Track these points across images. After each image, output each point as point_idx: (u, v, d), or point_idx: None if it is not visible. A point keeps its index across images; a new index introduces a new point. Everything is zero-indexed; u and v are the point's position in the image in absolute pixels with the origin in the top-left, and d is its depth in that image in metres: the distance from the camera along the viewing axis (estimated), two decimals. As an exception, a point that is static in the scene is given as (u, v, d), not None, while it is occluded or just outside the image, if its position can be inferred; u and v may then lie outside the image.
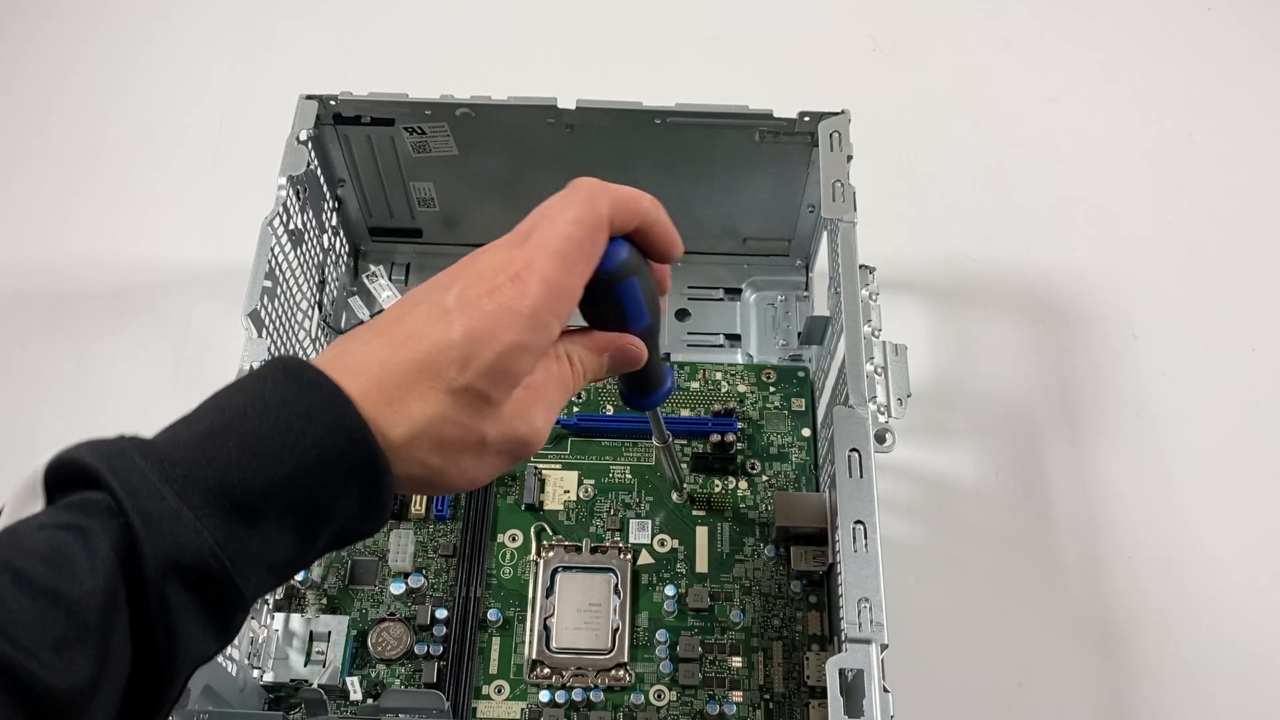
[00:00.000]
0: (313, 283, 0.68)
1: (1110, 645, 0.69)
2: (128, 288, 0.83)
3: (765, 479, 0.67)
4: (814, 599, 0.63)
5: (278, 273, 0.61)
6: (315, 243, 0.68)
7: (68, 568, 0.29)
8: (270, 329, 0.59)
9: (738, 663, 0.61)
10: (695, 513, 0.66)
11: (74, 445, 0.33)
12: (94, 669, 0.29)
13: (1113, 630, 0.69)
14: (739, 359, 0.74)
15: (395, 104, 0.67)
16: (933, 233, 0.86)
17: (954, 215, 0.87)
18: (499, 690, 0.60)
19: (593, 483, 0.67)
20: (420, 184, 0.73)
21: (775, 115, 0.66)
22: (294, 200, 0.63)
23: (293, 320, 0.64)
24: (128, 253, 0.84)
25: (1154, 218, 0.87)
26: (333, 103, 0.66)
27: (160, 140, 0.91)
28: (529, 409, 0.38)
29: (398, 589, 0.62)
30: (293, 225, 0.63)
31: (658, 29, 0.98)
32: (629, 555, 0.64)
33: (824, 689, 0.49)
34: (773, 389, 0.70)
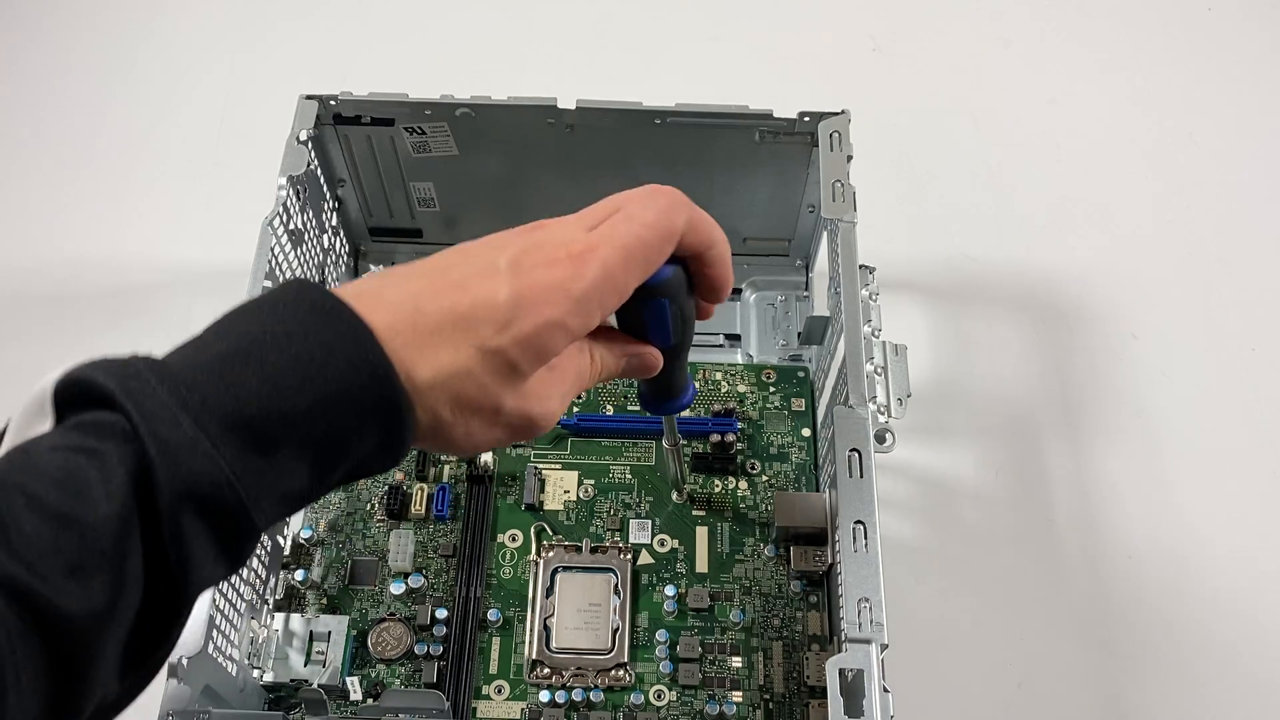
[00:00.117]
0: (313, 283, 0.68)
1: (1110, 645, 0.69)
2: (128, 288, 0.83)
3: (765, 479, 0.67)
4: (814, 599, 0.63)
5: (278, 273, 0.61)
6: (315, 243, 0.68)
7: (82, 492, 0.29)
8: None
9: (738, 663, 0.61)
10: (695, 513, 0.66)
11: (84, 363, 0.32)
12: (108, 596, 0.29)
13: (1113, 630, 0.69)
14: (739, 359, 0.74)
15: (395, 104, 0.67)
16: (933, 233, 0.86)
17: (954, 215, 0.87)
18: (499, 690, 0.60)
19: (593, 483, 0.67)
20: (420, 184, 0.73)
21: (775, 115, 0.66)
22: (294, 200, 0.63)
23: (293, 320, 0.64)
24: (128, 253, 0.84)
25: (1154, 218, 0.87)
26: (333, 103, 0.66)
27: (160, 140, 0.91)
28: (547, 390, 0.38)
29: (398, 589, 0.62)
30: (293, 225, 0.63)
31: (658, 29, 0.98)
32: (629, 555, 0.64)
33: (824, 689, 0.49)
34: (773, 389, 0.70)
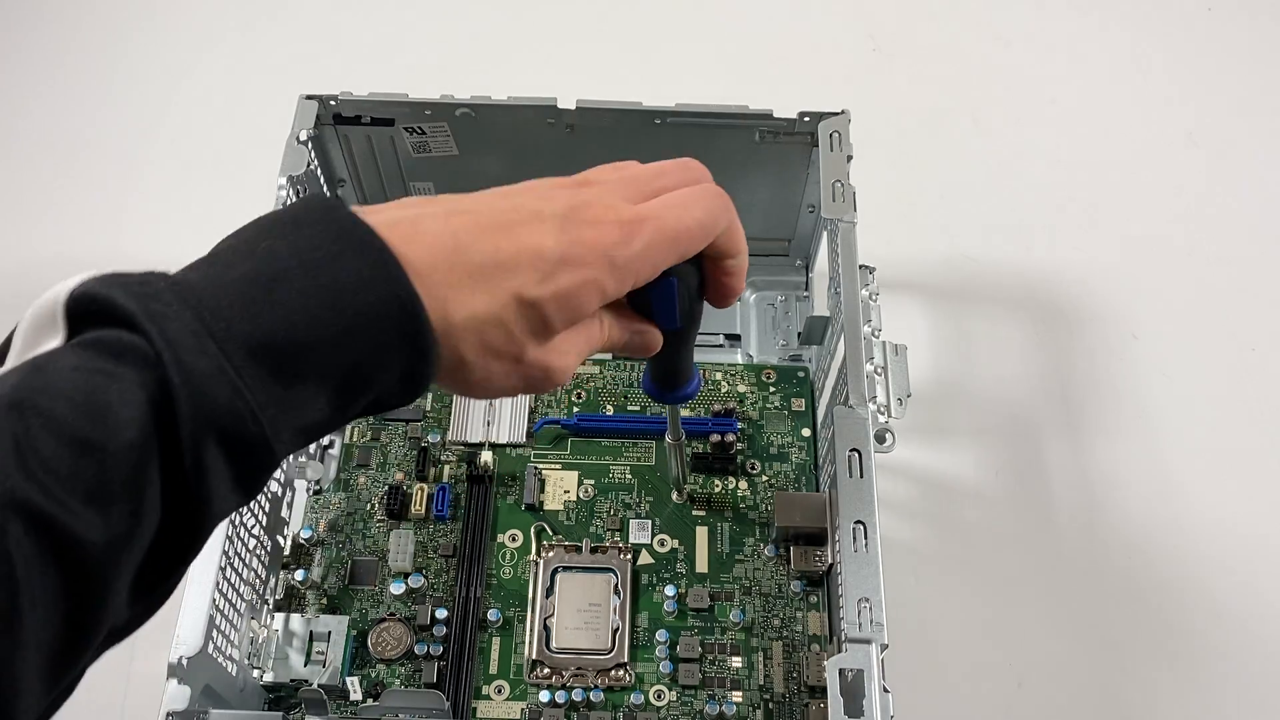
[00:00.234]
0: (313, 283, 0.68)
1: (1110, 645, 0.69)
2: (128, 288, 0.82)
3: (765, 479, 0.67)
4: (814, 599, 0.63)
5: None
6: (315, 243, 0.68)
7: (102, 417, 0.28)
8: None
9: (738, 663, 0.61)
10: (695, 513, 0.66)
11: (97, 277, 0.30)
12: (126, 525, 0.28)
13: (1113, 630, 0.69)
14: (739, 359, 0.74)
15: (395, 104, 0.67)
16: (933, 233, 0.86)
17: (954, 215, 0.87)
18: (499, 690, 0.60)
19: (593, 483, 0.67)
20: (420, 184, 0.73)
21: (775, 115, 0.66)
22: (294, 200, 0.63)
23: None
24: (128, 253, 0.84)
25: (1154, 218, 0.87)
26: (333, 103, 0.66)
27: (160, 140, 0.91)
28: (567, 345, 0.38)
29: (398, 589, 0.62)
30: (293, 225, 0.63)
31: (658, 29, 0.98)
32: (629, 555, 0.64)
33: (824, 689, 0.49)
34: (773, 389, 0.70)
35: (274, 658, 0.60)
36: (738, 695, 0.60)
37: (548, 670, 0.60)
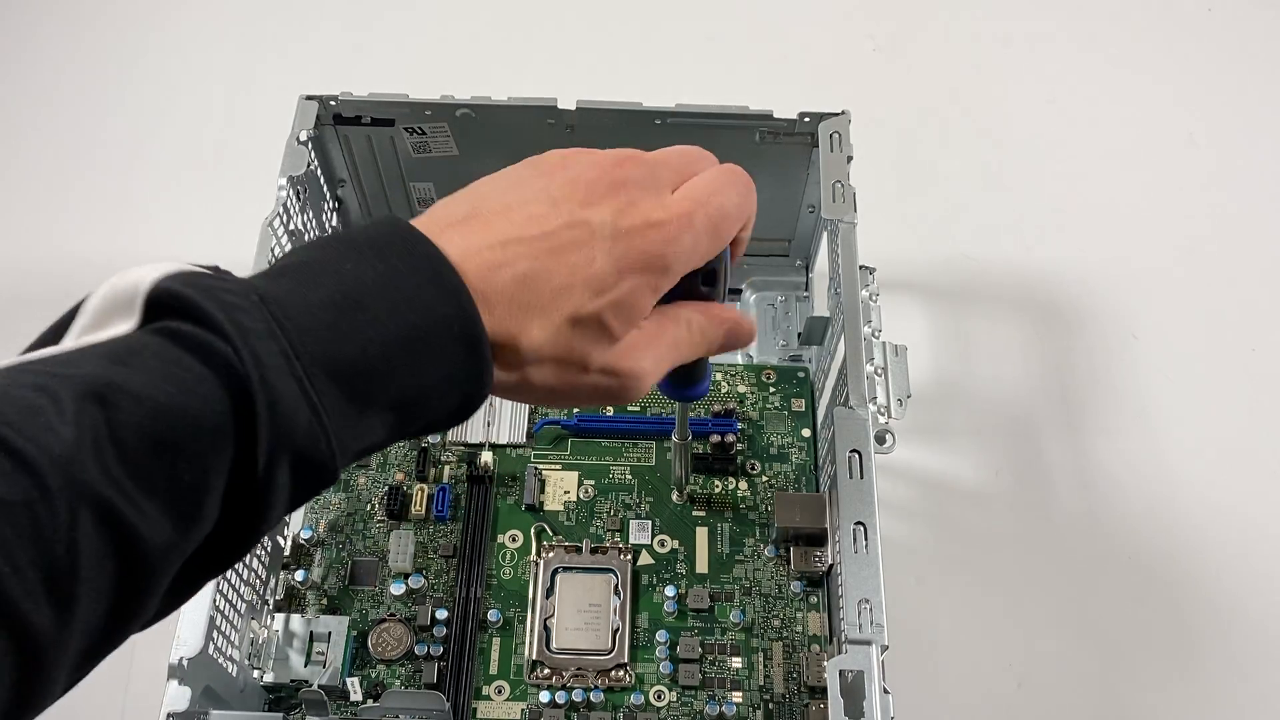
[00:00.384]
0: (313, 283, 0.68)
1: (1111, 645, 0.69)
2: (128, 288, 0.82)
3: (765, 479, 0.67)
4: (814, 599, 0.63)
5: (278, 273, 0.61)
6: (315, 243, 0.68)
7: (183, 420, 0.28)
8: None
9: (738, 663, 0.61)
10: (695, 513, 0.66)
11: (182, 274, 0.30)
12: (186, 529, 0.29)
13: (1113, 630, 0.69)
14: (739, 359, 0.74)
15: (395, 104, 0.67)
16: (933, 233, 0.86)
17: (954, 215, 0.87)
18: (499, 691, 0.60)
19: (593, 483, 0.67)
20: (420, 184, 0.73)
21: (775, 116, 0.66)
22: (294, 201, 0.63)
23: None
24: (128, 253, 0.84)
25: (1154, 218, 0.87)
26: (333, 103, 0.66)
27: (160, 140, 0.91)
28: (638, 350, 0.38)
29: (398, 589, 0.62)
30: (293, 226, 0.63)
31: (657, 29, 0.98)
32: (629, 556, 0.64)
33: (824, 690, 0.49)
34: (773, 389, 0.70)
35: (274, 658, 0.60)
36: (738, 696, 0.60)
37: (548, 671, 0.60)
